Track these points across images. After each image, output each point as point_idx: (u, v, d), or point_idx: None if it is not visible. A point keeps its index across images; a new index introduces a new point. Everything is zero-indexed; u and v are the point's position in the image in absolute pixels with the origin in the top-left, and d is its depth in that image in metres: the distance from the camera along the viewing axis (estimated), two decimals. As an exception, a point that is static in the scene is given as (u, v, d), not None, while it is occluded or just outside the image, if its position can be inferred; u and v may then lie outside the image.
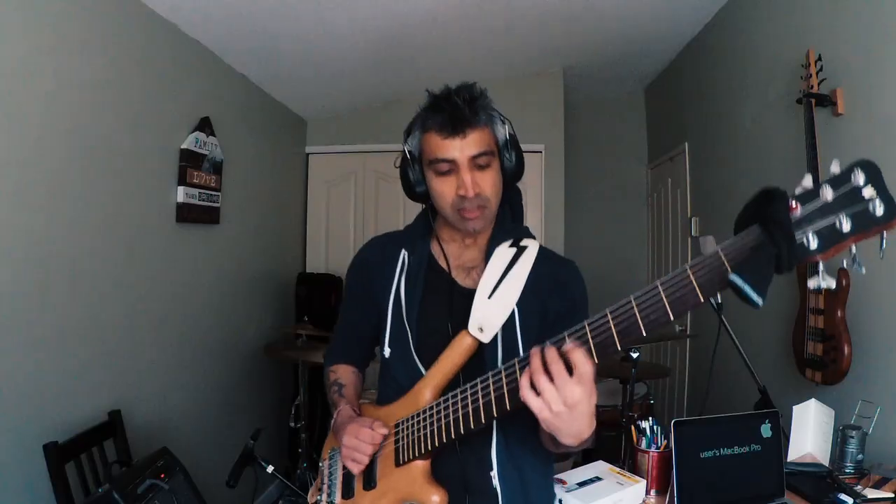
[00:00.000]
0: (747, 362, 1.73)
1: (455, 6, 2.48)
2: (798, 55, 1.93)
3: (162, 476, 1.57)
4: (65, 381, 1.70)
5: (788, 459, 1.50)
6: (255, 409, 3.00)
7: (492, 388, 0.85)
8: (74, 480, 1.59)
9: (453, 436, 0.91)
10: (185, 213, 2.28)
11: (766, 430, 1.38)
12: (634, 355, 2.09)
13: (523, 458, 1.03)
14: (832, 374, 1.73)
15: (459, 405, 0.90)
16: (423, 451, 0.96)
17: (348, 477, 1.07)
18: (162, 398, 2.19)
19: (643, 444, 1.50)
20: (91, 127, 1.79)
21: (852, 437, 1.49)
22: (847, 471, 1.48)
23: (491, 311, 1.00)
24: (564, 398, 0.74)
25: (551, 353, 0.76)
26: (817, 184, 0.63)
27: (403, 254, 1.13)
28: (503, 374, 0.84)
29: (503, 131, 1.06)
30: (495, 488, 1.00)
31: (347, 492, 1.06)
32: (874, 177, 0.60)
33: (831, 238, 0.61)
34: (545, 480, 1.13)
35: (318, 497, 1.12)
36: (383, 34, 2.62)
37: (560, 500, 1.29)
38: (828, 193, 0.61)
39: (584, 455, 2.81)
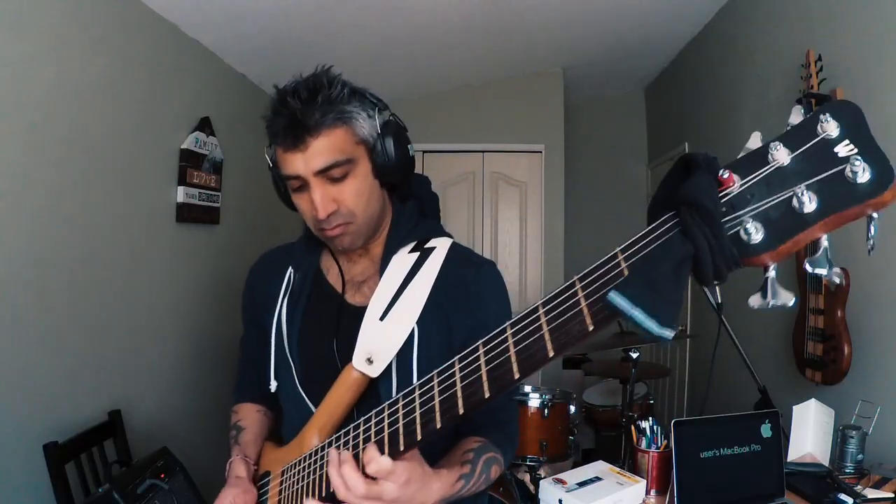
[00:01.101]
0: (747, 362, 1.73)
1: (456, 6, 2.47)
2: (798, 55, 1.93)
3: (162, 476, 1.57)
4: (65, 381, 1.70)
5: (788, 459, 1.50)
6: (255, 409, 3.00)
7: (372, 430, 0.69)
8: (74, 480, 1.59)
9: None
10: (185, 213, 2.28)
11: (766, 430, 1.38)
12: (634, 355, 2.09)
13: None
14: (832, 374, 1.73)
15: (349, 446, 0.73)
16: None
17: None
18: (162, 398, 2.19)
19: (643, 444, 1.50)
20: (91, 127, 1.79)
21: (852, 437, 1.49)
22: (847, 471, 1.48)
23: (383, 337, 0.83)
24: (378, 494, 0.66)
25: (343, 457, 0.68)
26: (767, 142, 0.42)
27: (289, 272, 0.96)
28: (382, 418, 0.69)
29: (369, 124, 0.85)
30: None
31: None
32: (854, 125, 0.38)
33: (786, 226, 0.39)
34: None
35: None
36: (384, 34, 2.62)
37: (560, 500, 1.29)
38: (781, 155, 0.39)
39: (584, 455, 2.82)
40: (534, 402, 1.97)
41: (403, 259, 0.90)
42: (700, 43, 3.18)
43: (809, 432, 1.55)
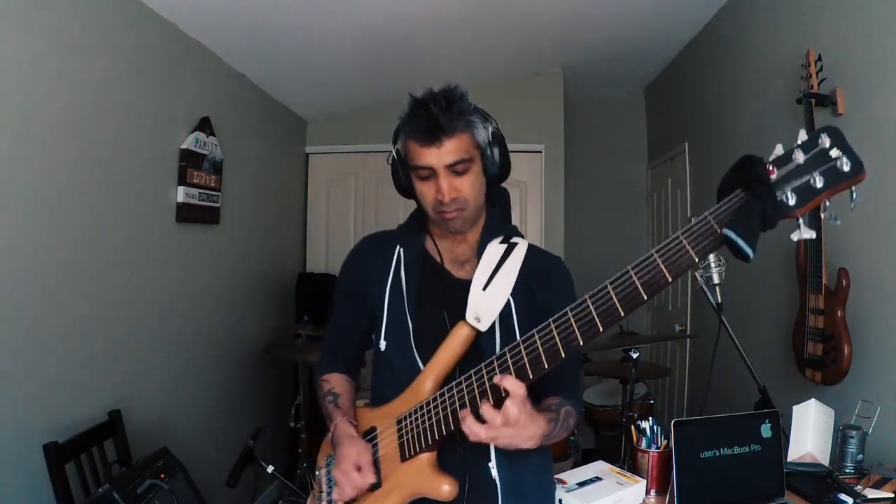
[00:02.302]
0: (747, 362, 1.73)
1: (455, 6, 2.48)
2: (798, 55, 1.93)
3: (162, 476, 1.57)
4: (65, 381, 1.70)
5: (788, 459, 1.50)
6: (255, 409, 3.00)
7: (486, 377, 0.90)
8: (74, 480, 1.59)
9: (458, 424, 0.92)
10: (185, 213, 2.28)
11: (766, 430, 1.38)
12: (634, 355, 2.09)
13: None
14: (832, 374, 1.73)
15: (464, 394, 0.93)
16: (429, 443, 0.97)
17: None
18: (162, 398, 2.19)
19: (643, 444, 1.50)
20: (91, 127, 1.79)
21: (852, 437, 1.49)
22: (847, 471, 1.48)
23: (486, 302, 1.03)
24: (507, 419, 0.84)
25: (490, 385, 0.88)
26: (789, 149, 0.70)
27: (399, 249, 1.15)
28: (505, 357, 0.88)
29: (485, 133, 1.07)
30: (494, 479, 1.03)
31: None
32: (838, 139, 0.67)
33: (807, 194, 0.68)
34: (541, 467, 1.15)
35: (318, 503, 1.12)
36: (384, 34, 2.62)
37: (560, 500, 1.29)
38: (799, 157, 0.69)
39: (584, 455, 2.82)
40: (534, 402, 1.96)
41: (496, 248, 1.10)
42: (700, 43, 3.18)
43: (809, 432, 1.55)
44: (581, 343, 0.81)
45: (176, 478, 1.62)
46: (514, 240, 1.12)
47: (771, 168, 0.70)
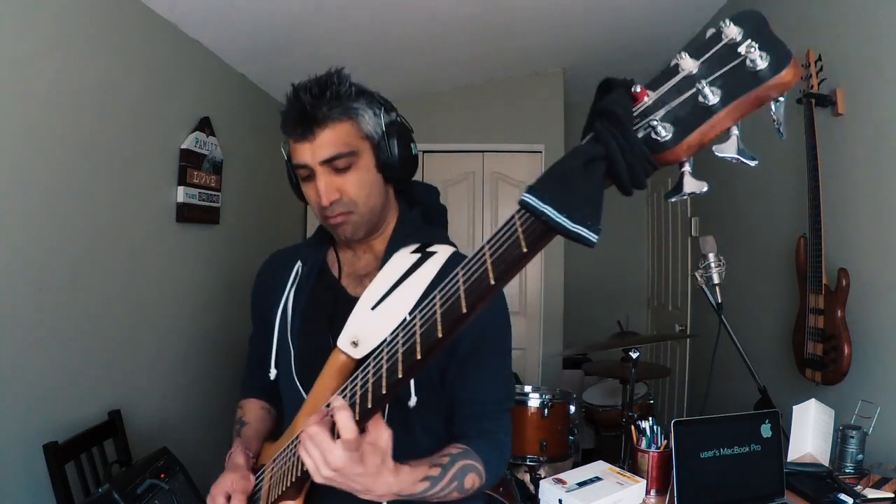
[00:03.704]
0: (747, 362, 1.73)
1: (455, 7, 2.48)
2: (798, 55, 1.93)
3: (162, 476, 1.57)
4: (65, 381, 1.70)
5: (788, 459, 1.50)
6: (255, 409, 3.00)
7: (348, 397, 0.70)
8: (74, 480, 1.59)
9: None
10: (185, 213, 2.28)
11: (766, 430, 1.38)
12: (634, 355, 2.09)
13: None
14: (832, 374, 1.73)
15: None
16: (287, 488, 0.81)
17: None
18: (162, 398, 2.19)
19: (643, 444, 1.50)
20: (91, 127, 1.79)
21: (852, 437, 1.49)
22: (847, 471, 1.48)
23: (372, 324, 0.85)
24: (328, 462, 0.66)
25: (315, 418, 0.69)
26: (678, 56, 0.44)
27: (298, 265, 1.02)
28: (356, 379, 0.69)
29: (375, 122, 0.91)
30: None
31: None
32: (755, 27, 0.41)
33: (690, 119, 0.42)
34: None
35: None
36: (384, 34, 2.62)
37: (560, 500, 1.29)
38: (688, 63, 0.42)
39: (584, 455, 2.82)
40: (534, 402, 1.97)
41: (404, 257, 0.93)
42: (700, 43, 3.17)
43: (809, 432, 1.55)
44: (441, 336, 0.57)
45: (176, 478, 1.62)
46: (432, 248, 0.94)
47: (639, 90, 0.45)
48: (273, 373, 0.99)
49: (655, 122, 0.43)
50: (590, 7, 2.69)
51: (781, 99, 0.42)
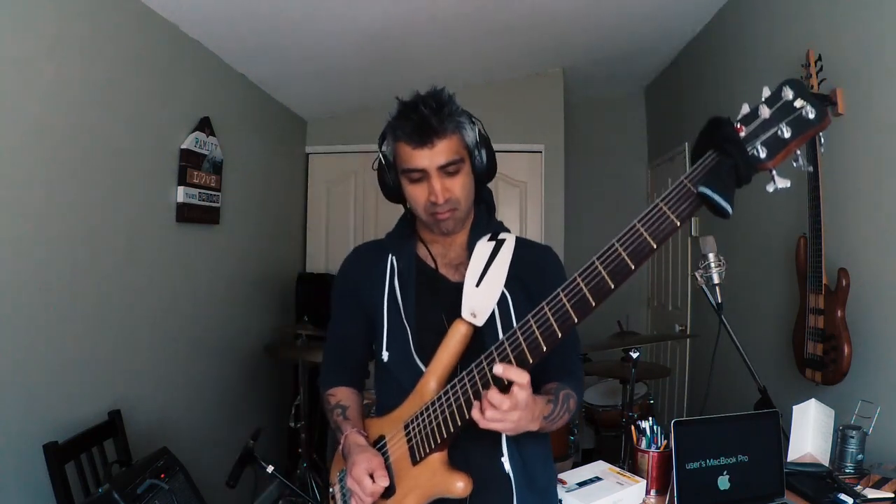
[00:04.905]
0: (747, 362, 1.73)
1: (455, 6, 2.47)
2: (798, 55, 1.93)
3: (162, 476, 1.57)
4: (65, 381, 1.70)
5: (788, 459, 1.50)
6: (255, 409, 3.00)
7: (486, 368, 0.91)
8: (74, 480, 1.59)
9: (465, 418, 0.93)
10: (185, 213, 2.28)
11: (766, 430, 1.38)
12: (635, 355, 2.09)
13: (526, 439, 1.05)
14: (832, 374, 1.73)
15: (467, 388, 0.94)
16: (437, 443, 0.98)
17: None
18: (162, 398, 2.19)
19: (643, 444, 1.50)
20: (91, 127, 1.79)
21: (852, 437, 1.49)
22: (847, 471, 1.48)
23: (481, 298, 1.04)
24: (515, 403, 0.85)
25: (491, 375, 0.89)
26: (755, 106, 0.74)
27: (390, 258, 1.16)
28: (503, 346, 0.89)
29: (472, 134, 1.09)
30: (507, 473, 1.04)
31: None
32: (800, 90, 0.70)
33: (777, 145, 0.72)
34: (547, 459, 1.17)
35: None
36: (384, 34, 2.62)
37: (560, 500, 1.29)
38: (765, 111, 0.72)
39: (584, 455, 2.82)
40: (534, 402, 1.96)
41: (485, 245, 1.12)
42: (700, 43, 3.18)
43: (809, 432, 1.55)
44: (575, 320, 0.83)
45: (176, 478, 1.62)
46: (501, 236, 1.14)
47: (738, 126, 0.74)
48: (386, 355, 1.11)
49: (758, 146, 0.73)
50: (590, 7, 2.69)
51: (822, 134, 0.67)
